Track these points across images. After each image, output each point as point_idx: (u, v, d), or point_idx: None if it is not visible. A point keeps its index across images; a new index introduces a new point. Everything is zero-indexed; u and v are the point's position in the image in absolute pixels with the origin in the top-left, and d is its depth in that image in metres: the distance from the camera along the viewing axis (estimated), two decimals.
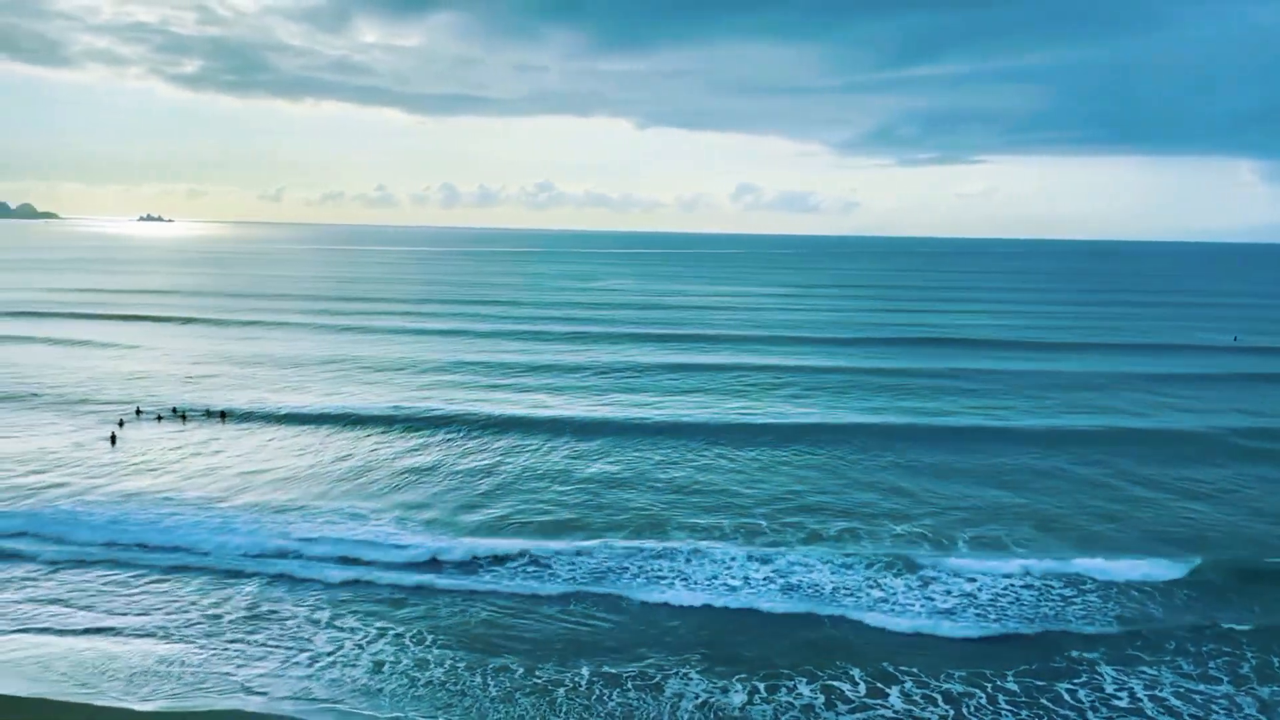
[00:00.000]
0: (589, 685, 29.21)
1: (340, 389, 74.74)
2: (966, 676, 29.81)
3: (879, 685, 29.31)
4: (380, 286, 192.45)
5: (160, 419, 62.45)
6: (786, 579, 36.78)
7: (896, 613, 34.05)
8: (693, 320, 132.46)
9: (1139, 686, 29.39)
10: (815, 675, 29.85)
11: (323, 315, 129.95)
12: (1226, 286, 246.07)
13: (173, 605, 34.58)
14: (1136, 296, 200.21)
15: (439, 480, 50.07)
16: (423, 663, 30.49)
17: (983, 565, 37.99)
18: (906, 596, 35.38)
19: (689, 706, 28.10)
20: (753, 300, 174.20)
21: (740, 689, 29.04)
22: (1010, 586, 36.30)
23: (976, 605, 34.74)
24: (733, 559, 38.62)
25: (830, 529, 42.64)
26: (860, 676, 29.79)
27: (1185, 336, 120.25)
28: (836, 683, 29.46)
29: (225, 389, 73.31)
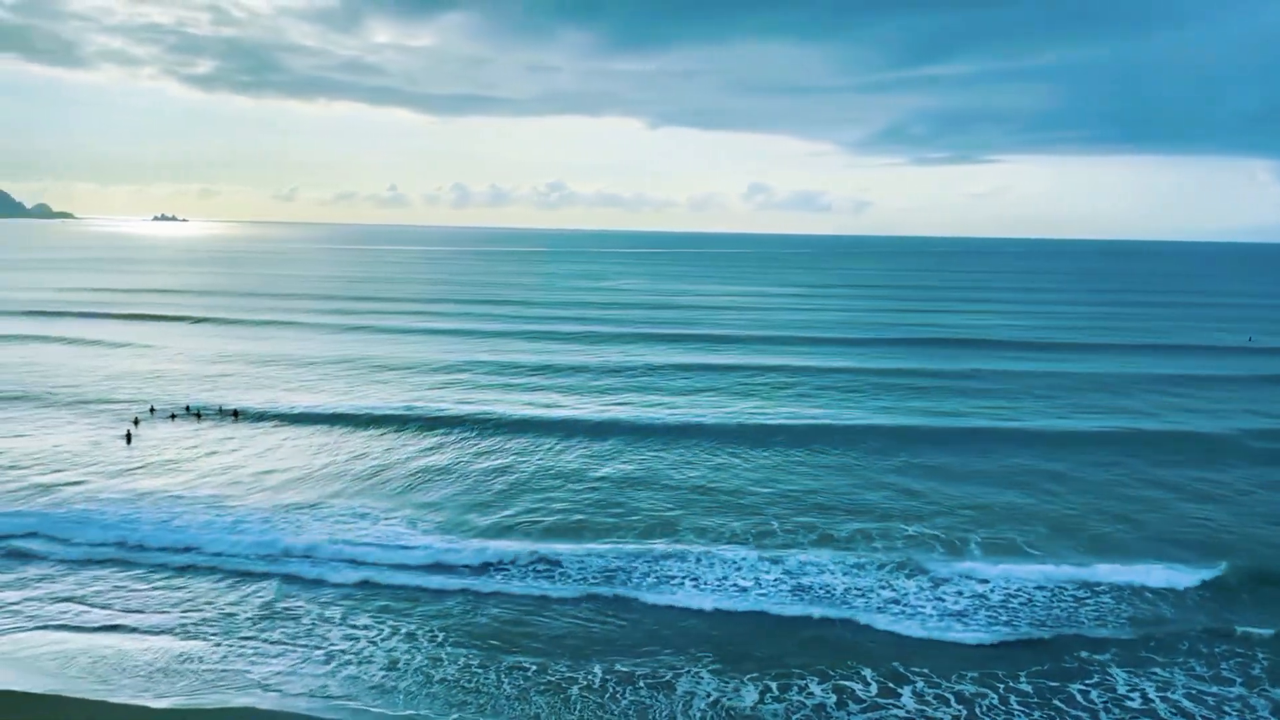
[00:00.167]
0: (602, 683, 29.37)
1: (353, 388, 75.15)
2: (979, 677, 29.83)
3: (891, 685, 29.36)
4: (393, 286, 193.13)
5: (174, 418, 62.98)
6: (798, 580, 36.84)
7: (908, 614, 34.07)
8: (704, 320, 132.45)
9: (1151, 688, 29.37)
10: (827, 675, 29.92)
11: (336, 315, 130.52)
12: (1241, 287, 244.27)
13: (188, 603, 34.91)
14: (1150, 297, 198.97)
15: (451, 480, 50.32)
16: (436, 661, 30.69)
17: (995, 567, 37.93)
18: (918, 598, 35.38)
19: (701, 705, 28.24)
20: (764, 300, 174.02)
21: (752, 688, 29.13)
22: (1023, 588, 36.27)
23: (989, 607, 34.74)
24: (744, 560, 38.71)
25: (842, 530, 42.67)
26: (872, 677, 29.85)
27: (1199, 337, 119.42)
28: (848, 683, 29.54)
29: (239, 388, 73.82)
